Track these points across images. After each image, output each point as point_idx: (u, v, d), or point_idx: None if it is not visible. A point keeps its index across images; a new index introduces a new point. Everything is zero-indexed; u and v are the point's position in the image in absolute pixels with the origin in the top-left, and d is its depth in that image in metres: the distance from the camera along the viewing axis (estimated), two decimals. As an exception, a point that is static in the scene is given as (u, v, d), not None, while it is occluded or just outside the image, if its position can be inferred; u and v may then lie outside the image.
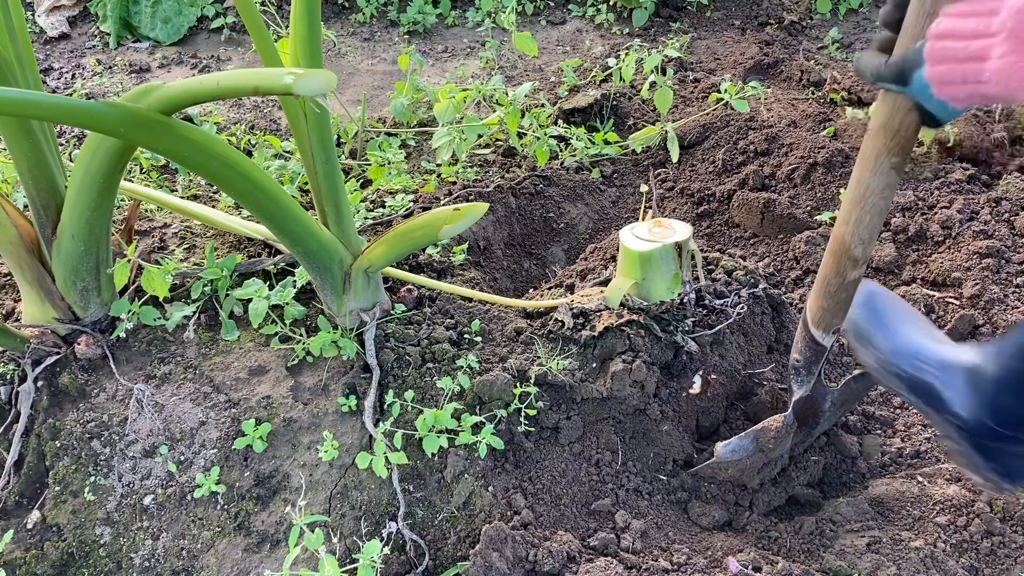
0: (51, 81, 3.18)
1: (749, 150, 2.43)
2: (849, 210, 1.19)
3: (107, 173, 1.34)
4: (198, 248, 1.86)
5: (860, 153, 1.15)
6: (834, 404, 1.52)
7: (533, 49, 2.42)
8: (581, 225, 2.38)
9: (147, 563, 1.40)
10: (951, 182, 2.20)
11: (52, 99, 1.06)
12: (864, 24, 3.47)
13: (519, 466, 1.49)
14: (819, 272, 1.30)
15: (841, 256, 1.22)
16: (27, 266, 1.49)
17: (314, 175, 1.49)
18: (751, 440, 1.48)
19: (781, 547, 1.43)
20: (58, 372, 1.54)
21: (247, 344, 1.61)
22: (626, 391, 1.55)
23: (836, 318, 1.31)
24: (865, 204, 1.16)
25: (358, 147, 2.48)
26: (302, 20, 1.33)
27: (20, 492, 1.47)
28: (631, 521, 1.44)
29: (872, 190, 1.14)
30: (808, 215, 2.21)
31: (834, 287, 1.26)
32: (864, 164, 1.14)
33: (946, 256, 1.98)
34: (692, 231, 1.65)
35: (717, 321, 1.68)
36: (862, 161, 1.14)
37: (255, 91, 1.05)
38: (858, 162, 1.15)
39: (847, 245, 1.20)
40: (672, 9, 3.61)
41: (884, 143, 1.09)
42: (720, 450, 1.49)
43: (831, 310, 1.30)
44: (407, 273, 1.76)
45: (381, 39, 3.53)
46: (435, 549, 1.41)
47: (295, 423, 1.50)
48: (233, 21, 3.48)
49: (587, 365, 1.59)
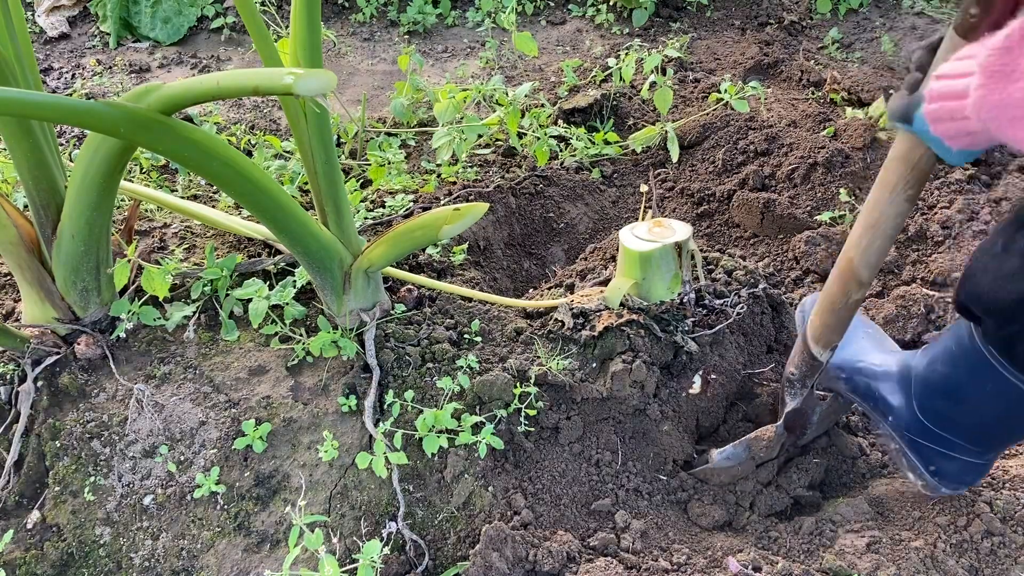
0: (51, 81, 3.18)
1: (749, 150, 2.43)
2: (860, 234, 1.22)
3: (107, 173, 1.34)
4: (198, 248, 1.86)
5: (878, 180, 1.18)
6: (821, 416, 1.56)
7: (533, 49, 2.42)
8: (581, 225, 2.38)
9: (147, 563, 1.40)
10: (951, 182, 2.20)
11: (52, 99, 1.06)
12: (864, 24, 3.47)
13: (519, 466, 1.49)
14: (824, 291, 1.33)
15: (849, 278, 1.26)
16: (27, 266, 1.49)
17: (314, 175, 1.49)
18: (744, 448, 1.53)
19: (781, 547, 1.43)
20: (58, 372, 1.54)
21: (247, 344, 1.61)
22: (626, 391, 1.55)
23: (835, 335, 1.35)
24: (878, 230, 1.19)
25: (358, 147, 2.48)
26: (302, 20, 1.33)
27: (20, 492, 1.47)
28: (631, 521, 1.44)
29: (886, 217, 1.18)
30: (808, 215, 2.21)
31: (838, 306, 1.30)
32: (881, 192, 1.17)
33: (946, 256, 1.98)
34: (692, 231, 1.65)
35: (717, 321, 1.68)
36: (880, 188, 1.17)
37: (255, 91, 1.05)
38: (875, 189, 1.18)
39: (855, 268, 1.24)
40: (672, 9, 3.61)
41: (902, 173, 1.13)
42: (715, 456, 1.55)
43: (832, 328, 1.34)
44: (407, 273, 1.76)
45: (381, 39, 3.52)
46: (435, 549, 1.41)
47: (295, 423, 1.50)
48: (233, 21, 3.48)
49: (587, 365, 1.59)
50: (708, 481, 1.58)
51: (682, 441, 1.62)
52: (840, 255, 1.28)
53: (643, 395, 1.57)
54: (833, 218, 2.18)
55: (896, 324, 1.85)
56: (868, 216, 1.20)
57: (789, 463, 1.61)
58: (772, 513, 1.54)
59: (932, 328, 1.84)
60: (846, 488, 1.59)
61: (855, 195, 2.21)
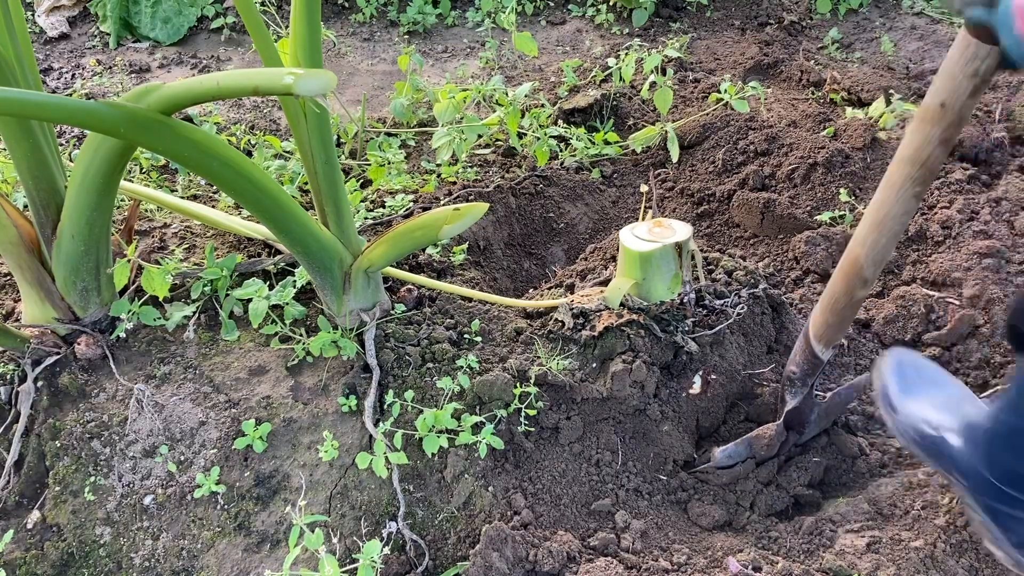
0: (51, 81, 3.18)
1: (749, 150, 2.43)
2: (866, 233, 1.22)
3: (107, 173, 1.34)
4: (198, 248, 1.86)
5: (884, 179, 1.18)
6: (820, 415, 1.56)
7: (533, 49, 2.42)
8: (581, 225, 2.38)
9: (147, 563, 1.40)
10: (951, 182, 2.20)
11: (52, 99, 1.06)
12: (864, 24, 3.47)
13: (519, 466, 1.49)
14: (827, 289, 1.33)
15: (853, 276, 1.26)
16: (27, 266, 1.49)
17: (314, 175, 1.49)
18: (746, 446, 1.54)
19: (781, 547, 1.43)
20: (58, 372, 1.54)
21: (247, 344, 1.61)
22: (626, 391, 1.55)
23: (838, 334, 1.35)
24: (884, 228, 1.20)
25: (358, 147, 2.48)
26: (302, 20, 1.33)
27: (20, 492, 1.47)
28: (631, 521, 1.44)
29: (892, 215, 1.18)
30: (808, 215, 2.21)
31: (841, 304, 1.30)
32: (888, 190, 1.17)
33: (946, 256, 1.98)
34: (692, 231, 1.65)
35: (717, 321, 1.68)
36: (886, 187, 1.17)
37: (255, 91, 1.05)
38: (881, 188, 1.18)
39: (860, 266, 1.24)
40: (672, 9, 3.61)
41: (910, 172, 1.13)
42: (717, 454, 1.55)
43: (835, 326, 1.34)
44: (407, 273, 1.76)
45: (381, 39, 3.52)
46: (435, 549, 1.41)
47: (295, 423, 1.50)
48: (233, 21, 3.48)
49: (587, 365, 1.59)
50: (709, 481, 1.58)
51: (682, 441, 1.62)
52: (844, 254, 1.27)
53: (643, 395, 1.57)
54: (833, 218, 2.18)
55: (896, 324, 1.85)
56: (875, 214, 1.20)
57: (789, 462, 1.61)
58: (772, 513, 1.54)
59: (932, 328, 1.84)
60: (846, 488, 1.59)
61: (855, 195, 2.21)
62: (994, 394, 1.68)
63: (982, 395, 1.70)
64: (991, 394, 1.69)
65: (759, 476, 1.57)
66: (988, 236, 2.00)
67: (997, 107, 2.48)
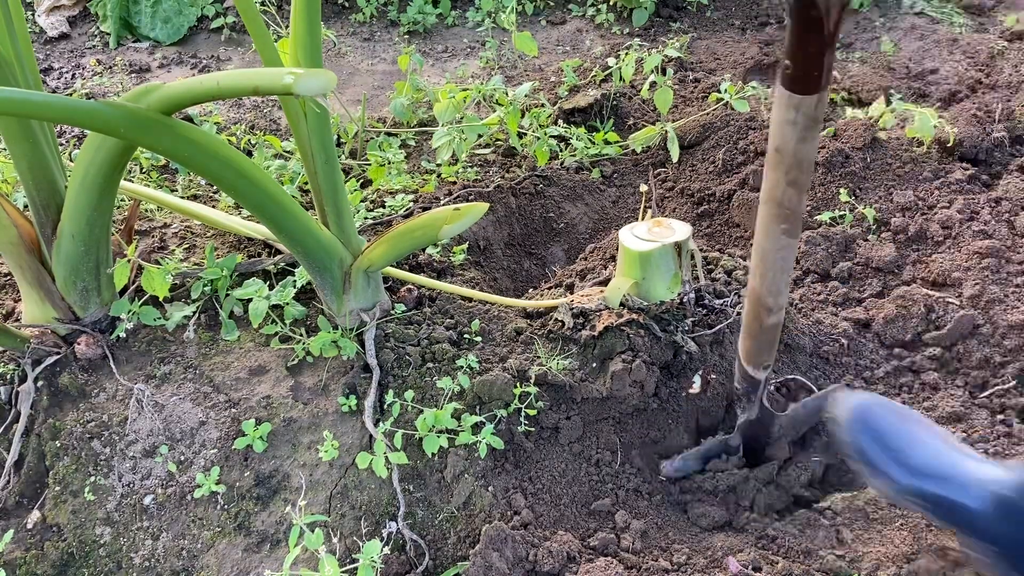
0: (51, 81, 3.18)
1: (749, 150, 2.43)
2: (755, 267, 1.28)
3: (107, 173, 1.34)
4: (198, 248, 1.86)
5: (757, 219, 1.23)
6: (783, 427, 1.57)
7: (533, 49, 2.42)
8: (581, 225, 2.38)
9: (147, 563, 1.40)
10: (951, 182, 2.20)
11: (52, 99, 1.06)
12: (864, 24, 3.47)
13: (519, 466, 1.49)
14: (743, 316, 1.38)
15: (757, 305, 1.32)
16: (27, 266, 1.49)
17: (314, 175, 1.49)
18: (696, 459, 1.56)
19: (781, 547, 1.43)
20: (58, 372, 1.54)
21: (247, 344, 1.61)
22: (626, 391, 1.55)
23: (764, 356, 1.40)
24: (767, 263, 1.25)
25: (358, 147, 2.48)
26: (302, 20, 1.33)
27: (20, 492, 1.47)
28: (631, 521, 1.44)
29: (768, 251, 1.24)
30: (808, 215, 2.21)
31: (755, 331, 1.36)
32: (760, 230, 1.23)
33: (946, 256, 1.98)
34: (692, 231, 1.65)
35: (717, 321, 1.68)
36: (759, 227, 1.23)
37: (255, 91, 1.05)
38: (756, 226, 1.24)
39: (760, 296, 1.30)
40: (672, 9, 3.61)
41: (774, 212, 1.19)
42: (666, 467, 1.56)
43: (757, 349, 1.39)
44: (407, 273, 1.76)
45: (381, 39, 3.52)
46: (435, 549, 1.41)
47: (295, 423, 1.50)
48: (233, 21, 3.48)
49: (587, 365, 1.59)
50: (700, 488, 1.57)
51: (682, 441, 1.62)
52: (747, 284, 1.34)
53: (643, 395, 1.57)
54: (833, 218, 2.17)
55: (896, 324, 1.85)
56: (758, 251, 1.26)
57: (789, 462, 1.61)
58: (772, 512, 1.54)
59: (932, 328, 1.84)
60: (846, 487, 1.59)
61: (855, 195, 2.21)
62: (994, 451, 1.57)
63: (982, 395, 1.70)
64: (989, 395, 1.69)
65: (759, 476, 1.57)
66: (988, 236, 2.00)
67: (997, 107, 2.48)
